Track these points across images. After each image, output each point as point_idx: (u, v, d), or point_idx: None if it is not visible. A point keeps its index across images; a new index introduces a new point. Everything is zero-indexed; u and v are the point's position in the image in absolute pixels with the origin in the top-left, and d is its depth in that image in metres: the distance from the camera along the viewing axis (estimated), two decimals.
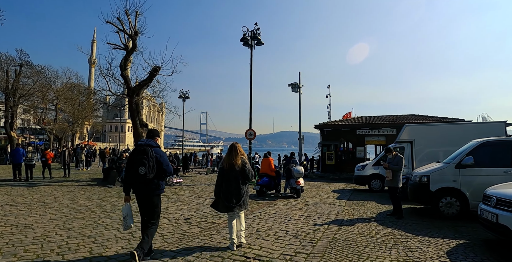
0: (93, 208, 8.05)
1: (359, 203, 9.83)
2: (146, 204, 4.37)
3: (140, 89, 14.48)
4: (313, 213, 7.87)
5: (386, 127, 22.05)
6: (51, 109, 41.33)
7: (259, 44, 16.77)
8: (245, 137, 15.84)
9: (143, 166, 4.05)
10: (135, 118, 14.61)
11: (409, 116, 24.01)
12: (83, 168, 22.46)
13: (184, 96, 32.82)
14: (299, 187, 10.64)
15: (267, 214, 7.65)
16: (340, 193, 12.49)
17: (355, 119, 25.36)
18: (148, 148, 4.18)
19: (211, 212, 7.82)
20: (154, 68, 14.17)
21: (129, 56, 14.90)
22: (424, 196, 7.73)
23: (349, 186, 15.16)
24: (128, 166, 4.29)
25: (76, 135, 72.50)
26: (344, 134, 23.09)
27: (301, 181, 10.77)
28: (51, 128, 37.34)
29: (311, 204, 9.39)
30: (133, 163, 4.14)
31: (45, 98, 35.25)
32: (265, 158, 11.53)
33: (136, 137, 15.04)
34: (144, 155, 4.10)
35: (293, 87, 23.50)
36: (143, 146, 4.22)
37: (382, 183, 13.08)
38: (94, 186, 12.77)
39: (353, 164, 22.35)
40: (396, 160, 7.73)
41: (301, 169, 10.75)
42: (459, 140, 11.93)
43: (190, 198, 10.18)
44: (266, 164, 11.30)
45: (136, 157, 4.13)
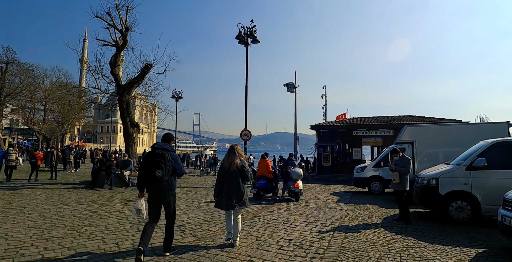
0: (77, 214, 7.42)
1: (362, 207, 9.36)
2: (160, 204, 4.54)
3: (131, 87, 13.85)
4: (315, 219, 7.37)
5: (383, 128, 21.75)
6: (40, 109, 40.25)
7: (255, 42, 16.27)
8: (240, 137, 15.30)
9: (160, 169, 4.27)
10: (125, 117, 13.97)
11: (406, 117, 23.75)
12: (71, 169, 21.63)
13: (177, 96, 32.18)
14: (297, 190, 10.13)
15: (266, 220, 7.12)
16: (339, 196, 12.03)
17: (351, 120, 25.02)
18: (165, 152, 4.39)
19: (206, 218, 7.26)
20: (145, 66, 13.58)
21: (119, 52, 14.27)
22: (432, 200, 7.29)
23: (348, 188, 14.72)
24: (143, 167, 4.47)
25: (66, 136, 71.13)
26: (341, 135, 22.72)
27: (299, 184, 10.27)
28: (40, 129, 36.30)
29: (312, 208, 8.88)
30: (150, 165, 4.35)
31: (34, 98, 34.24)
32: (262, 159, 11.00)
33: (126, 138, 14.42)
34: (162, 159, 4.30)
35: (289, 87, 22.99)
36: (160, 150, 4.42)
37: (382, 185, 12.68)
38: (81, 189, 12.08)
39: (349, 166, 22.07)
40: (403, 162, 7.27)
41: (300, 172, 10.26)
42: (462, 141, 11.57)
43: (183, 203, 9.59)
44: (264, 166, 10.77)
45: (154, 160, 4.33)
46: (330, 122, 25.06)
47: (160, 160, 4.30)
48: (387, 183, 12.64)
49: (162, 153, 4.35)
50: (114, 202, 9.28)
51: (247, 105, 15.50)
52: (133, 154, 14.20)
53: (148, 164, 4.39)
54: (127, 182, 12.94)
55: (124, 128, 14.27)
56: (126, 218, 7.08)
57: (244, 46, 16.22)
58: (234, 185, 4.97)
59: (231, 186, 4.98)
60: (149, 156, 4.43)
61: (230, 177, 5.00)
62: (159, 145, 4.51)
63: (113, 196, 10.52)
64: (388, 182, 12.61)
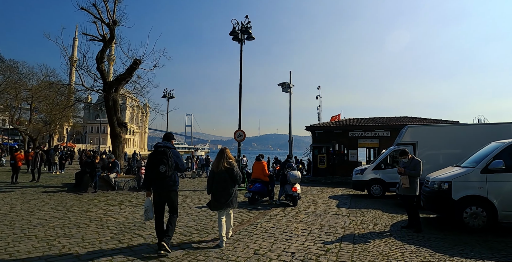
0: (53, 222, 6.64)
1: (364, 212, 8.76)
2: (164, 199, 4.81)
3: (118, 84, 13.06)
4: (317, 226, 6.72)
5: (380, 129, 21.29)
6: (26, 109, 38.90)
7: (250, 38, 15.63)
8: (234, 138, 14.61)
9: (163, 165, 4.60)
10: (112, 116, 13.17)
11: (402, 118, 23.36)
12: (56, 171, 20.64)
13: (168, 96, 31.33)
14: (295, 194, 9.48)
15: (263, 228, 6.44)
16: (338, 199, 11.43)
17: (347, 121, 24.53)
18: (167, 149, 4.74)
19: (197, 226, 6.55)
20: (134, 61, 12.82)
21: (106, 47, 13.48)
22: (444, 205, 6.71)
23: (345, 191, 14.15)
24: (149, 164, 4.78)
25: (55, 136, 69.35)
26: (336, 136, 22.19)
27: (297, 187, 9.63)
28: (25, 128, 35.00)
29: (312, 214, 8.24)
30: (154, 162, 4.67)
31: (19, 96, 32.97)
32: (257, 161, 10.32)
33: (113, 138, 13.62)
34: (164, 156, 4.65)
35: (284, 87, 22.42)
36: (162, 147, 4.77)
37: (382, 188, 12.12)
38: (62, 193, 11.23)
39: (345, 168, 21.54)
40: (413, 164, 6.68)
41: (298, 174, 9.61)
42: (466, 142, 11.09)
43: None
44: (259, 168, 10.09)
45: (157, 157, 4.67)
46: (326, 123, 24.54)
47: (163, 156, 4.65)
48: (387, 186, 12.10)
49: (164, 150, 4.72)
50: (97, 208, 8.49)
51: (241, 104, 14.84)
52: (120, 155, 13.39)
53: (152, 162, 4.72)
54: (113, 185, 12.13)
55: (110, 128, 13.46)
56: (107, 227, 6.33)
57: (238, 43, 15.57)
58: (223, 187, 5.18)
59: (221, 187, 5.19)
60: (153, 154, 4.78)
61: (219, 179, 5.21)
62: (161, 143, 4.87)
63: (97, 201, 9.72)
64: (389, 185, 12.07)
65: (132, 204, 9.35)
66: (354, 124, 22.62)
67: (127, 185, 12.52)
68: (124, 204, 9.31)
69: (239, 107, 14.72)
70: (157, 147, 4.83)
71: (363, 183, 12.39)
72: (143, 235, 5.72)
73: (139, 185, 12.58)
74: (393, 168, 12.23)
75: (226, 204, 5.15)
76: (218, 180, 5.20)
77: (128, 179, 12.72)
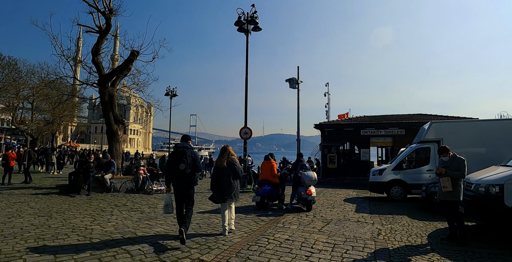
0: (29, 232, 5.64)
1: (389, 219, 7.64)
2: (183, 194, 5.18)
3: (114, 77, 12.07)
4: (341, 238, 5.63)
5: (394, 127, 20.10)
6: (28, 108, 38.23)
7: (256, 29, 14.56)
8: (240, 136, 13.55)
9: (182, 163, 5.06)
10: (108, 112, 12.19)
11: (417, 116, 22.15)
12: (54, 171, 19.75)
13: (171, 94, 30.39)
14: (310, 197, 8.39)
15: (277, 241, 5.36)
16: (355, 203, 10.32)
17: (358, 118, 23.34)
18: (186, 149, 5.21)
19: (197, 238, 5.50)
20: (131, 52, 11.82)
21: (102, 38, 12.48)
22: (494, 213, 5.59)
23: (360, 193, 13.03)
24: (170, 163, 5.23)
25: (59, 136, 68.94)
26: (347, 135, 21.05)
27: (312, 190, 8.54)
28: (26, 128, 34.30)
29: (331, 221, 7.14)
30: (175, 161, 5.11)
31: (20, 95, 32.23)
32: (266, 161, 9.23)
33: (109, 136, 12.64)
34: (184, 155, 5.11)
35: (291, 82, 21.32)
36: (181, 148, 5.23)
37: (403, 190, 10.98)
38: (52, 196, 10.26)
39: (356, 168, 20.40)
40: (455, 164, 5.56)
41: (314, 176, 8.51)
42: (498, 139, 9.96)
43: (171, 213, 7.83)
44: (268, 169, 9.01)
45: (177, 156, 5.11)
46: (336, 120, 23.37)
47: (182, 155, 5.11)
48: (409, 188, 10.97)
49: (184, 150, 5.19)
50: (85, 214, 7.49)
51: (247, 98, 13.77)
52: (117, 155, 12.40)
53: (173, 160, 5.17)
54: (108, 186, 11.13)
55: (107, 125, 12.47)
56: (90, 238, 5.30)
57: (244, 34, 14.53)
58: (225, 181, 5.59)
59: (223, 182, 5.60)
60: (173, 154, 5.24)
61: (222, 174, 5.64)
62: (180, 144, 5.35)
63: (87, 205, 8.72)
64: (411, 187, 10.94)
65: (126, 208, 8.33)
66: (366, 121, 21.43)
67: (123, 186, 11.52)
68: (117, 208, 8.30)
69: (245, 102, 13.67)
70: (177, 147, 5.30)
71: (382, 184, 11.25)
72: (130, 251, 4.68)
73: (136, 187, 11.57)
74: (416, 168, 11.13)
75: (230, 197, 5.59)
76: (221, 175, 5.63)
77: (125, 180, 11.71)
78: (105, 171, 11.25)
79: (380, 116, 23.44)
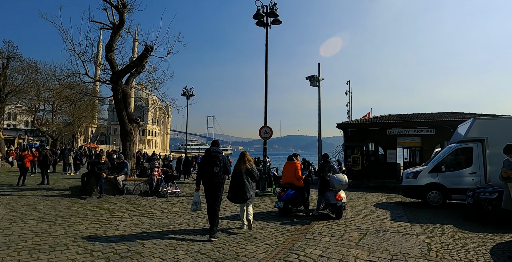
0: (26, 240, 5.00)
1: (434, 230, 6.61)
2: (214, 193, 5.70)
3: (127, 73, 11.52)
4: (385, 256, 4.68)
5: (423, 126, 18.72)
6: (48, 110, 38.88)
7: (276, 22, 13.73)
8: (259, 135, 12.74)
9: (217, 166, 5.72)
10: (121, 110, 11.64)
11: (448, 114, 20.66)
12: (71, 172, 19.58)
13: (188, 94, 29.98)
14: (340, 203, 7.44)
15: (310, 258, 4.48)
16: (387, 209, 9.29)
17: (384, 117, 22.03)
18: (218, 154, 5.88)
19: (212, 253, 4.69)
20: (145, 48, 11.24)
21: (116, 34, 11.98)
22: None
23: (390, 198, 11.94)
24: (203, 165, 5.86)
25: (80, 138, 70.30)
26: (372, 135, 19.82)
27: (342, 195, 7.60)
28: (46, 129, 34.80)
29: (367, 232, 6.19)
30: (209, 164, 5.76)
31: (40, 96, 32.68)
32: (289, 162, 8.35)
33: (123, 135, 12.10)
34: (217, 159, 5.79)
35: (312, 80, 20.38)
36: (214, 152, 5.88)
37: (442, 195, 9.83)
38: (63, 198, 9.75)
39: (383, 170, 19.15)
40: None
41: (345, 179, 7.57)
42: None
43: (185, 219, 7.09)
44: (292, 171, 8.13)
45: (211, 160, 5.78)
46: (360, 119, 22.14)
47: (216, 159, 5.76)
48: (449, 193, 9.81)
49: (217, 155, 5.82)
50: (93, 219, 6.85)
51: (266, 96, 12.94)
52: (130, 155, 11.83)
53: (207, 163, 5.77)
54: (121, 189, 10.55)
55: (120, 124, 11.94)
56: (92, 251, 4.60)
57: (263, 27, 13.73)
58: (243, 184, 6.00)
59: (241, 184, 6.01)
60: (207, 157, 5.83)
61: (240, 177, 6.07)
62: (213, 149, 5.92)
63: (97, 208, 8.12)
64: (451, 192, 9.79)
65: (137, 213, 7.65)
66: (392, 120, 20.12)
67: (137, 189, 10.91)
68: (128, 213, 7.64)
69: (265, 99, 12.85)
70: (211, 151, 5.87)
71: (417, 189, 10.13)
72: None
73: (151, 190, 10.94)
74: (457, 171, 9.96)
75: (247, 198, 6.00)
76: (239, 178, 6.05)
77: (139, 182, 11.10)
78: (118, 173, 10.68)
79: (407, 114, 22.04)
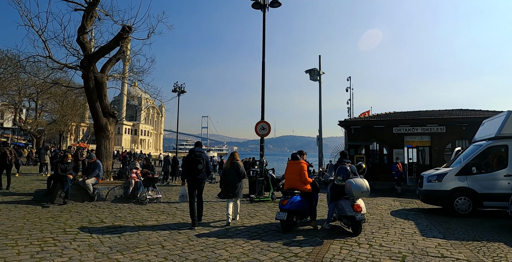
0: None
1: (483, 250, 5.07)
2: (197, 187, 6.55)
3: (100, 57, 9.82)
4: None
5: (433, 124, 17.29)
6: (32, 108, 36.81)
7: (275, 4, 12.14)
8: (256, 132, 11.12)
9: (200, 164, 6.48)
10: (94, 102, 9.95)
11: (457, 111, 19.22)
12: (48, 172, 17.75)
13: (179, 90, 28.24)
14: (359, 216, 5.84)
15: None
16: (409, 218, 7.75)
17: (389, 114, 20.53)
18: (202, 153, 6.69)
19: None
20: (122, 28, 9.55)
21: (88, 14, 10.25)
22: None
23: (403, 203, 10.44)
24: (188, 163, 6.55)
25: (67, 137, 67.91)
26: (377, 133, 18.33)
27: (362, 205, 6.03)
28: (29, 127, 32.77)
29: (404, 258, 4.61)
30: (194, 162, 6.50)
31: (22, 92, 30.64)
32: (293, 161, 6.71)
33: (97, 131, 10.41)
34: (201, 158, 6.55)
35: (312, 74, 18.80)
36: (199, 152, 6.67)
37: (472, 202, 8.30)
38: (20, 205, 8.04)
39: (387, 171, 17.65)
40: None
41: (366, 184, 5.99)
42: None
43: (161, 237, 5.44)
44: (296, 172, 6.51)
45: (195, 159, 6.52)
46: (363, 116, 20.62)
47: (200, 158, 6.54)
48: (480, 199, 8.29)
49: (200, 154, 6.63)
50: (36, 237, 5.18)
51: (264, 86, 11.33)
52: (106, 154, 10.14)
53: (191, 162, 6.50)
54: (91, 194, 8.85)
55: (94, 118, 10.23)
56: None
57: (261, 10, 12.16)
58: (231, 181, 6.79)
59: (229, 181, 6.80)
60: (191, 156, 6.59)
61: (229, 175, 6.84)
62: (197, 149, 6.77)
63: (52, 220, 6.44)
64: (482, 198, 8.27)
65: (101, 227, 6.00)
66: (400, 117, 18.62)
67: (111, 194, 9.22)
68: (89, 228, 5.98)
69: (262, 90, 11.25)
70: (195, 151, 6.68)
71: (442, 194, 8.56)
72: None
73: (126, 194, 9.26)
74: (489, 173, 8.45)
75: (234, 194, 6.76)
76: (228, 175, 6.85)
77: (114, 186, 9.40)
78: (87, 175, 8.99)
79: (414, 112, 20.57)
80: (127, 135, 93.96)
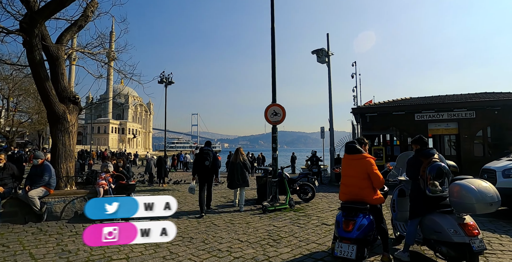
0: None
1: None
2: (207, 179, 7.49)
3: (49, 17, 7.01)
4: None
5: (460, 109, 14.98)
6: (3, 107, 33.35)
7: None
8: (266, 119, 8.51)
9: (207, 161, 7.40)
10: (43, 82, 7.13)
11: (482, 94, 16.99)
12: None
13: (166, 81, 25.31)
14: (477, 243, 3.34)
15: None
16: (491, 229, 5.31)
17: (409, 100, 18.12)
18: (210, 151, 7.59)
19: None
20: None
21: None
22: None
23: None
24: (198, 160, 7.58)
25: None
26: (396, 121, 15.96)
27: (475, 225, 3.52)
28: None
29: None
30: (202, 159, 7.45)
31: None
32: (351, 155, 4.02)
33: (52, 122, 7.63)
34: (208, 155, 7.47)
35: (319, 54, 16.19)
36: (206, 150, 7.57)
37: None
38: None
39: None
40: None
41: (493, 190, 3.47)
42: None
43: None
44: (362, 173, 3.86)
45: (203, 156, 7.45)
46: (380, 103, 18.16)
47: (207, 156, 7.47)
48: None
49: (208, 152, 7.54)
50: None
51: (274, 63, 8.71)
52: (64, 154, 7.39)
53: (200, 159, 7.48)
54: (37, 211, 6.13)
55: (46, 105, 7.49)
56: None
57: None
58: (239, 172, 7.88)
59: (237, 172, 7.90)
60: (200, 154, 7.57)
61: (236, 167, 7.93)
62: (206, 148, 7.72)
63: None
64: None
65: None
66: (421, 102, 16.24)
67: (70, 209, 6.51)
68: None
69: (272, 65, 8.63)
70: (203, 150, 7.61)
71: None
72: None
73: None
74: None
75: (241, 184, 7.87)
76: (236, 168, 7.92)
77: (73, 198, 6.68)
78: (31, 184, 6.26)
79: (434, 96, 18.24)
80: (114, 134, 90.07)
